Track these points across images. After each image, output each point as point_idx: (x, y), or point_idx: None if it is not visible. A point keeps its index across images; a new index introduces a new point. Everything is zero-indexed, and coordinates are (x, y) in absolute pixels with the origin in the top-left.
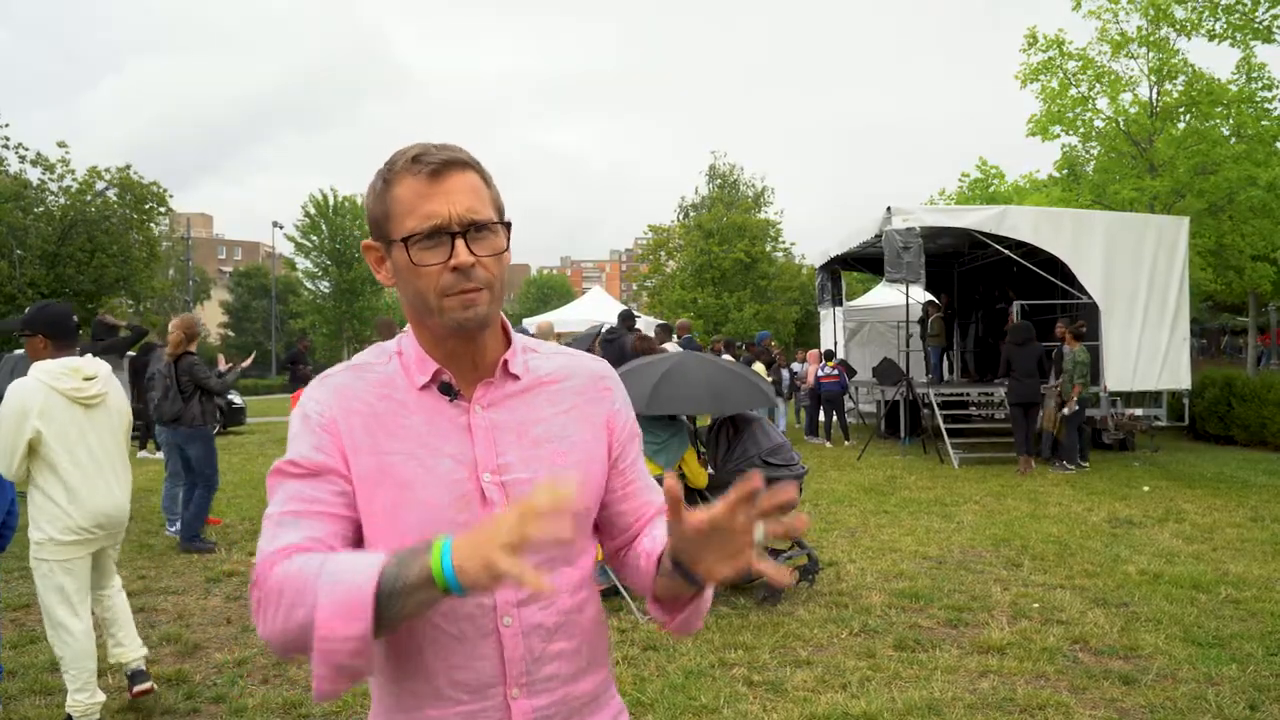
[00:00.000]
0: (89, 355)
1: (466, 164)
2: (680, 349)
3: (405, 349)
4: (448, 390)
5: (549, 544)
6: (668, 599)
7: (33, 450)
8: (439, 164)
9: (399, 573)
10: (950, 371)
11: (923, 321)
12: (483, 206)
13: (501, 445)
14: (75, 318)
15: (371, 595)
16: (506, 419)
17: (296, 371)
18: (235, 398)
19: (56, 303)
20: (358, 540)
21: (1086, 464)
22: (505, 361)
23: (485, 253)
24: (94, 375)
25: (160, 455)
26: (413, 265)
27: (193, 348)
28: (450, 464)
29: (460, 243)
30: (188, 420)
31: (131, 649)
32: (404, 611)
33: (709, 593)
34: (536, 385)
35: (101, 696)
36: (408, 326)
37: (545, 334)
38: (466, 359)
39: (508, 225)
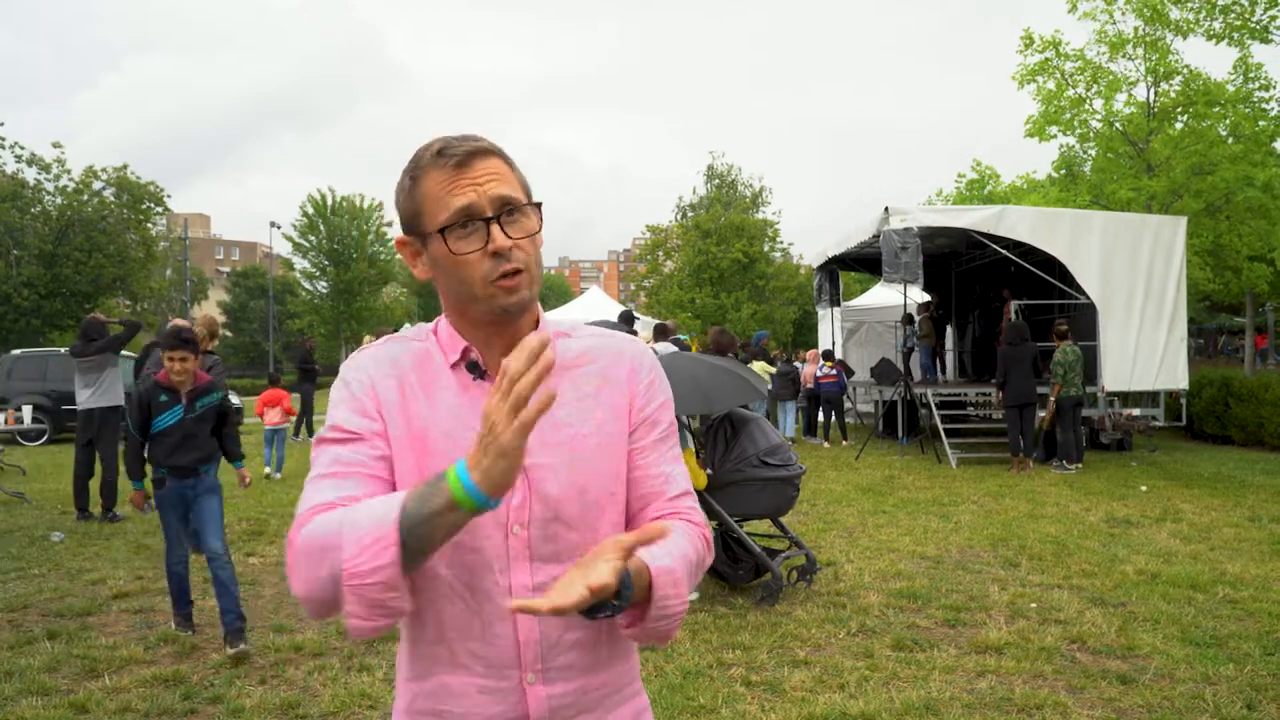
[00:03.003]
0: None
1: (490, 151)
2: (673, 348)
3: (440, 329)
4: (474, 369)
5: (539, 402)
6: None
7: None
8: (463, 154)
9: (420, 505)
10: (942, 371)
11: (910, 319)
12: (512, 190)
13: None
14: None
15: (395, 528)
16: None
17: (305, 370)
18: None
19: None
20: None
21: (1080, 463)
22: None
23: (520, 235)
24: None
25: None
26: (452, 255)
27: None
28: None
29: (495, 227)
30: None
31: None
32: (431, 540)
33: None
34: (562, 369)
35: None
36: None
37: None
38: (500, 343)
39: (538, 206)
